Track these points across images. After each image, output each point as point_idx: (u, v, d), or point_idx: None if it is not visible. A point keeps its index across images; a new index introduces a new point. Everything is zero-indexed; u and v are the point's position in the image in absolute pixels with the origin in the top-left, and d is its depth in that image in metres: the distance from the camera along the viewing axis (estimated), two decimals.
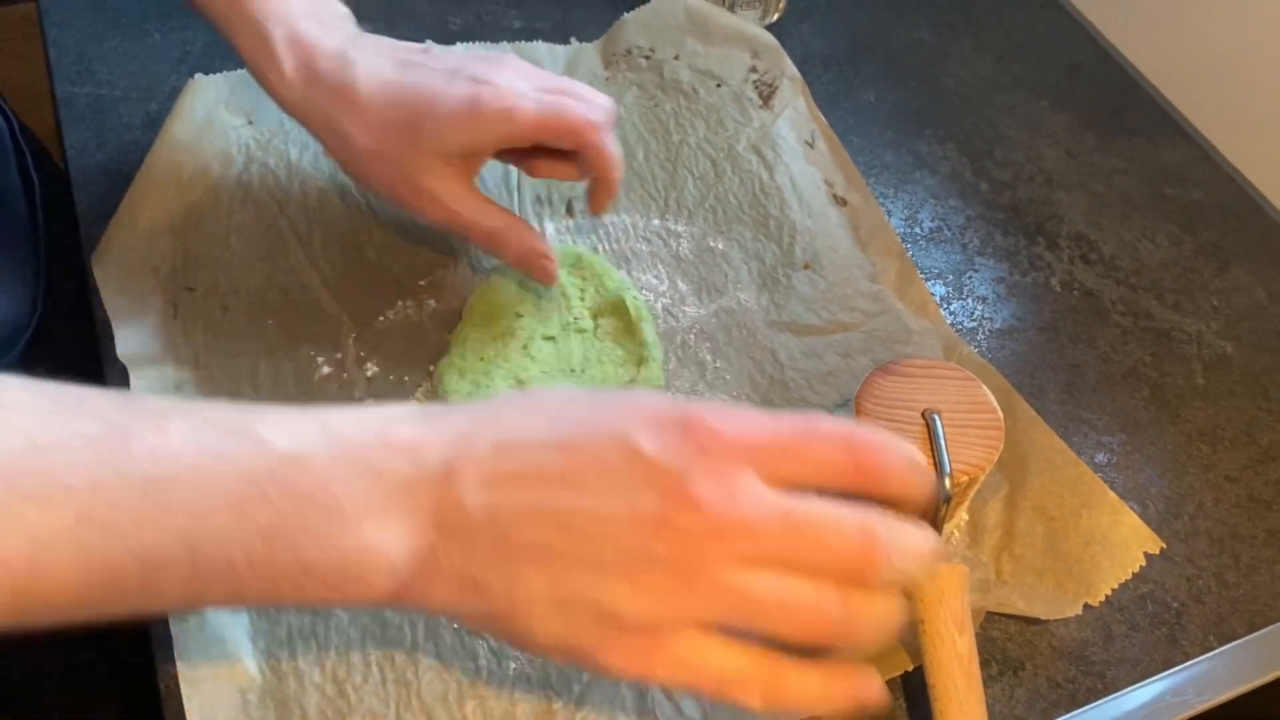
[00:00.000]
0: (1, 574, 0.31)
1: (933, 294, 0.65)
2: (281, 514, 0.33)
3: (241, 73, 0.70)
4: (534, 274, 0.57)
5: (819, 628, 0.35)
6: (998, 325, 0.65)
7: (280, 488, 0.33)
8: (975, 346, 0.63)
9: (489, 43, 0.75)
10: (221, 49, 0.73)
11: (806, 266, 0.64)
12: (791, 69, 0.74)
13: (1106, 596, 0.53)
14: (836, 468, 0.36)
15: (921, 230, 0.69)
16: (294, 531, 0.33)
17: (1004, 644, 0.52)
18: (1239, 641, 0.53)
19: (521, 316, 0.59)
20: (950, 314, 0.65)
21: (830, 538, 0.35)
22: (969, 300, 0.66)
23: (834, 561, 0.35)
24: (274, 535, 0.33)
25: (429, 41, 0.60)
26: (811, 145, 0.71)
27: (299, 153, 0.66)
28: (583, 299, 0.61)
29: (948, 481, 0.47)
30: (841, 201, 0.68)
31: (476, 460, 0.35)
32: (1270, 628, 0.54)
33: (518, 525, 0.35)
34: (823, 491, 0.36)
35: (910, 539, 0.36)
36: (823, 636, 0.35)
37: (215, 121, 0.67)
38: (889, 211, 0.70)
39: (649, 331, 0.59)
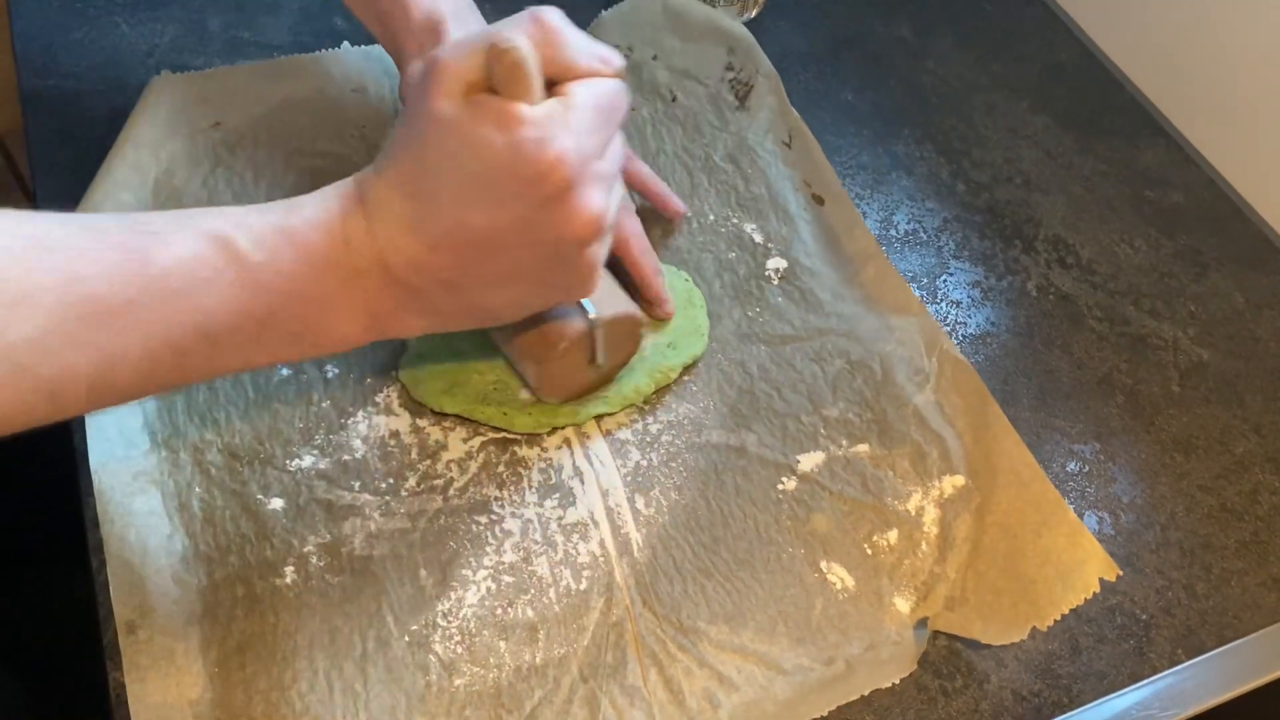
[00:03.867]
0: (79, 380, 0.39)
1: None
2: (269, 307, 0.42)
3: (209, 72, 0.69)
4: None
5: None
6: (971, 330, 0.64)
7: (261, 288, 0.41)
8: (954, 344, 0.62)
9: None
10: (191, 41, 0.72)
11: (782, 278, 0.63)
12: (767, 65, 0.73)
13: (1062, 617, 0.52)
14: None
15: (897, 233, 0.68)
16: (281, 319, 0.43)
17: (969, 657, 0.51)
18: (1207, 655, 0.53)
19: None
20: None
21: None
22: (943, 304, 0.65)
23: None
24: (267, 321, 0.42)
25: None
26: (789, 145, 0.70)
27: (268, 155, 0.65)
28: None
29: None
30: (819, 201, 0.67)
31: (404, 254, 0.43)
32: (1239, 641, 0.53)
33: (450, 279, 0.43)
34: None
35: None
36: None
37: (181, 122, 0.65)
38: (864, 213, 0.69)
39: (701, 315, 0.61)
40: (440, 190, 0.42)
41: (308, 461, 0.53)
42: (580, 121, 0.41)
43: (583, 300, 0.51)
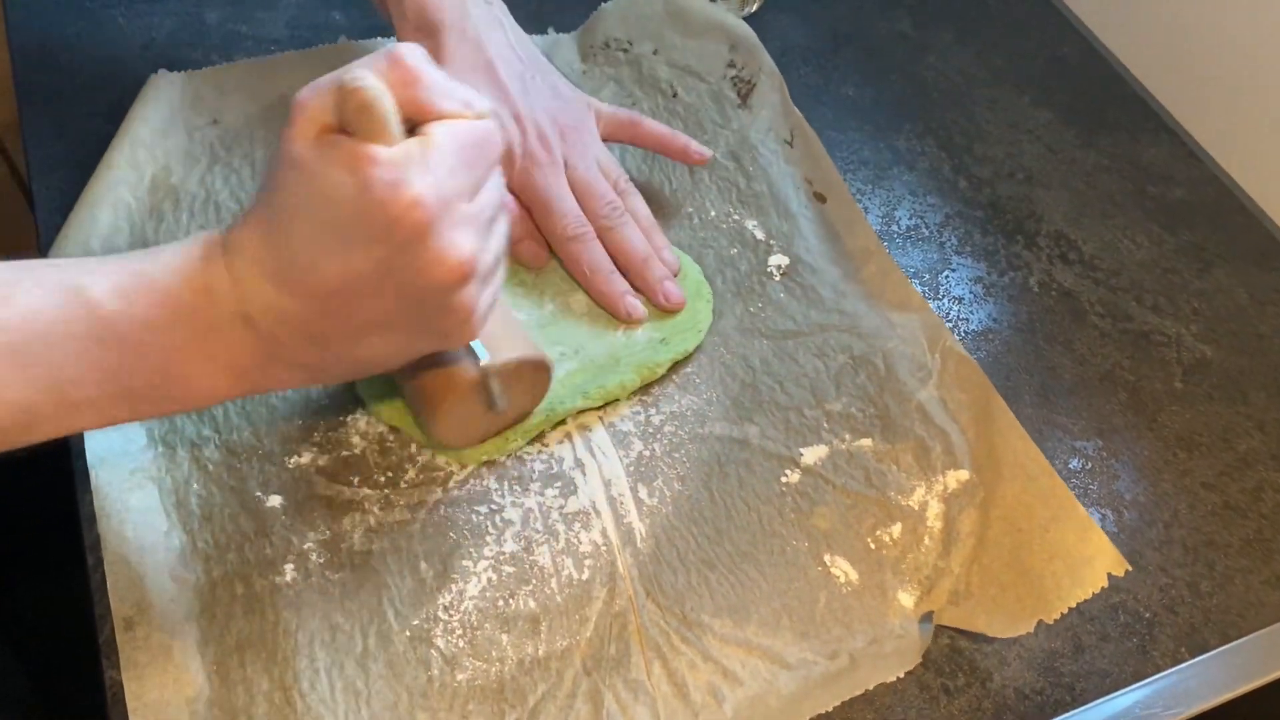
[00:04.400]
0: None
1: None
2: (121, 358, 0.40)
3: (207, 70, 0.68)
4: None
5: None
6: (973, 326, 0.64)
7: (116, 339, 0.39)
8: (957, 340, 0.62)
9: None
10: (188, 36, 0.72)
11: (784, 275, 0.63)
12: (769, 63, 0.73)
13: (1070, 609, 0.52)
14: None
15: (898, 228, 0.68)
16: (138, 369, 0.40)
17: (971, 654, 0.51)
18: (1211, 653, 0.52)
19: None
20: None
21: None
22: (945, 300, 0.65)
23: None
24: (120, 373, 0.40)
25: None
26: (790, 144, 0.70)
27: (265, 153, 0.65)
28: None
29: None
30: (821, 198, 0.67)
31: (263, 303, 0.41)
32: (1243, 639, 0.53)
33: (314, 331, 0.41)
34: None
35: None
36: None
37: (178, 120, 0.65)
38: (865, 209, 0.68)
39: (705, 310, 0.60)
40: (296, 236, 0.40)
41: (306, 458, 0.52)
42: (440, 162, 0.39)
43: (474, 344, 0.48)
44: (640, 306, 0.59)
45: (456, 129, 0.40)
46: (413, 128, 0.40)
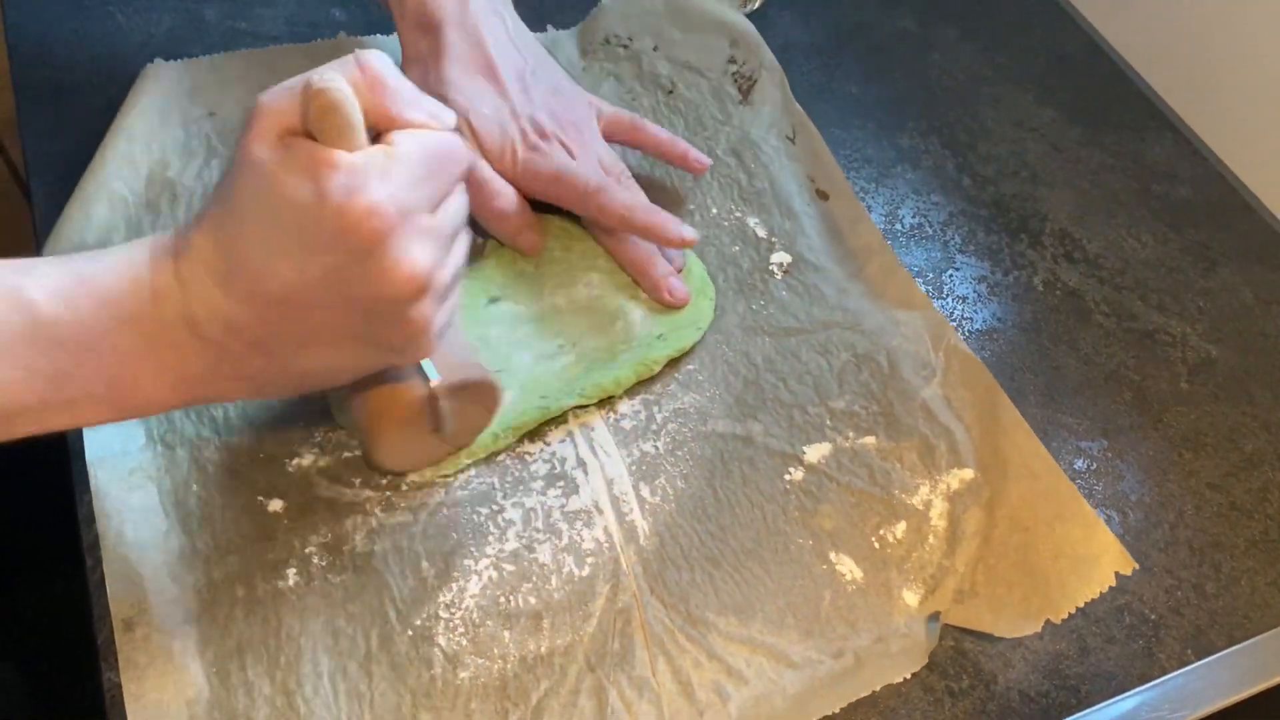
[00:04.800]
0: None
1: None
2: (58, 364, 0.38)
3: (204, 60, 0.68)
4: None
5: None
6: (978, 325, 0.63)
7: (54, 343, 0.38)
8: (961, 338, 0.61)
9: None
10: (187, 32, 0.71)
11: (785, 272, 0.63)
12: (770, 58, 0.72)
13: (1076, 610, 0.51)
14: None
15: (902, 227, 0.68)
16: (77, 375, 0.39)
17: (976, 656, 0.51)
18: (1217, 655, 0.52)
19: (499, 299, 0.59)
20: None
21: None
22: (949, 299, 0.64)
23: None
24: (59, 379, 0.39)
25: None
26: (792, 140, 0.69)
27: None
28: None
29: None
30: (823, 195, 0.67)
31: (210, 308, 0.40)
32: (1250, 641, 0.53)
33: (260, 338, 0.40)
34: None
35: None
36: None
37: (175, 111, 0.64)
38: (869, 207, 0.68)
39: (707, 307, 0.60)
40: (249, 240, 0.39)
41: (307, 459, 0.52)
42: (402, 172, 0.39)
43: (423, 363, 0.47)
44: (689, 229, 0.58)
45: (422, 139, 0.40)
46: (377, 136, 0.40)
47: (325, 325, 0.41)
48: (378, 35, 0.71)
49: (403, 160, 0.39)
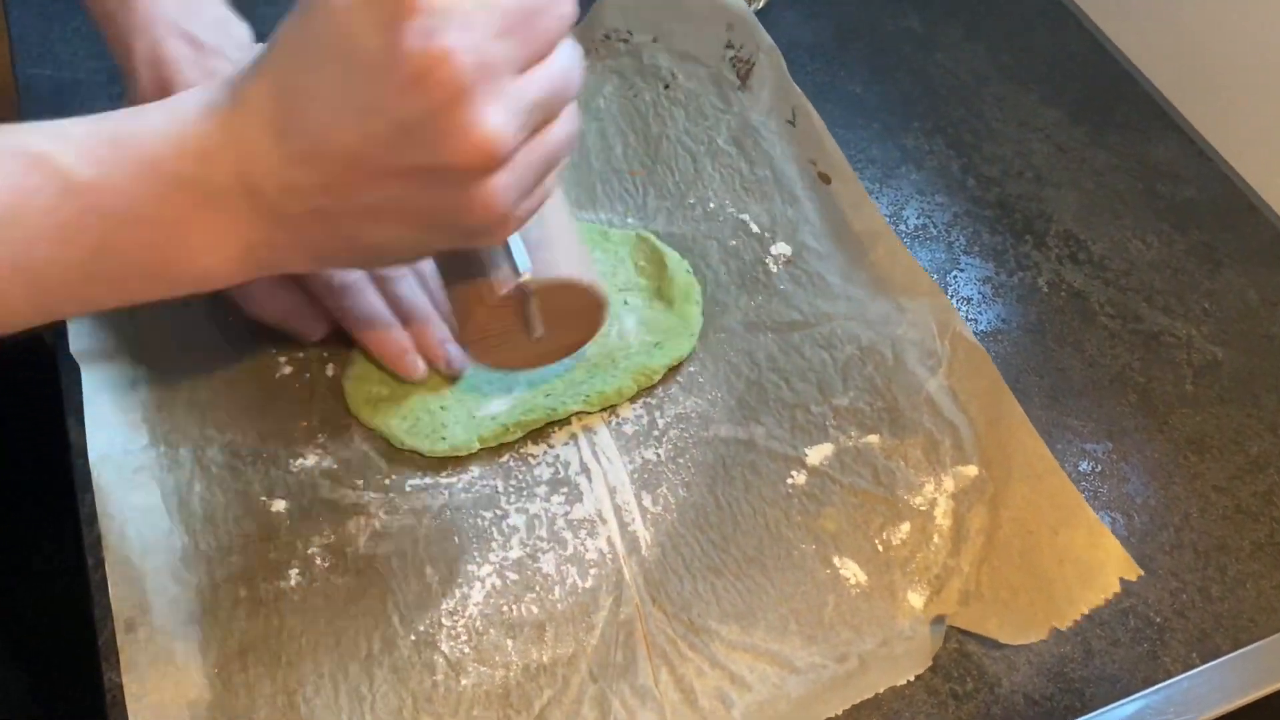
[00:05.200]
0: None
1: None
2: (103, 235, 0.36)
3: None
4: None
5: None
6: (982, 327, 0.63)
7: (93, 212, 0.35)
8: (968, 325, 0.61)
9: None
10: None
11: (788, 263, 0.62)
12: (767, 40, 0.72)
13: (1081, 617, 0.51)
14: None
15: (906, 227, 0.67)
16: (122, 247, 0.36)
17: (980, 659, 0.51)
18: (1223, 659, 0.52)
19: None
20: None
21: None
22: (953, 300, 0.64)
23: None
24: (104, 252, 0.36)
25: None
26: (793, 123, 0.69)
27: None
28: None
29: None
30: (825, 179, 0.66)
31: (268, 168, 0.36)
32: (1255, 645, 0.52)
33: (323, 205, 0.37)
34: None
35: None
36: None
37: None
38: None
39: (695, 313, 0.59)
40: (312, 91, 0.35)
41: (311, 460, 0.52)
42: (489, 21, 0.34)
43: (515, 255, 0.43)
44: (421, 366, 0.53)
45: None
46: None
47: (390, 196, 0.36)
48: None
49: (489, 8, 0.34)
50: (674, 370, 0.57)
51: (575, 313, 0.47)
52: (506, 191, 0.37)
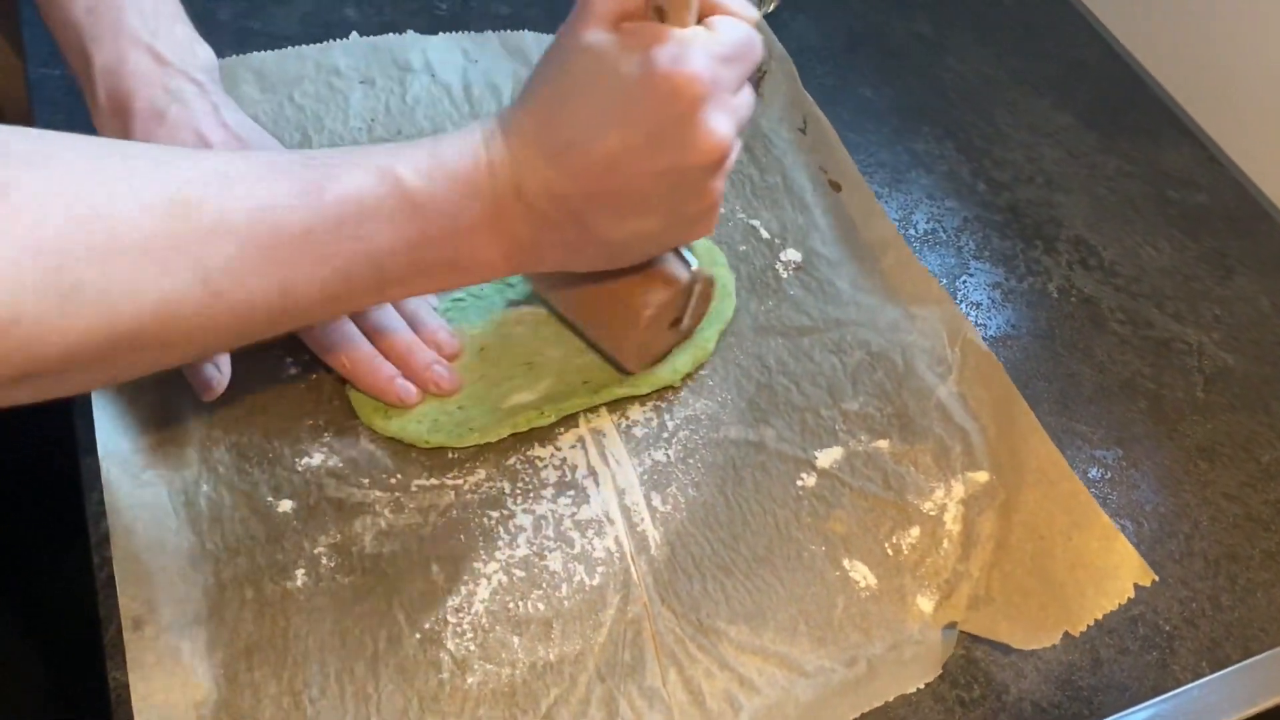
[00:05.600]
0: (261, 305, 0.41)
1: None
2: (423, 233, 0.43)
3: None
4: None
5: None
6: (991, 332, 0.63)
7: (420, 214, 0.43)
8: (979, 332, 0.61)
9: (474, 31, 0.73)
10: (200, 31, 0.70)
11: (798, 269, 0.62)
12: (779, 49, 0.72)
13: (1095, 622, 0.51)
14: None
15: (916, 232, 0.67)
16: (437, 246, 0.44)
17: (988, 666, 0.50)
18: (1233, 668, 0.51)
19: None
20: None
21: None
22: (963, 305, 0.64)
23: None
24: (425, 249, 0.44)
25: None
26: (804, 131, 0.69)
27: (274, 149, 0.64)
28: None
29: None
30: (836, 187, 0.66)
31: (538, 180, 0.44)
32: (1265, 654, 0.52)
33: (580, 208, 0.45)
34: None
35: None
36: None
37: None
38: None
39: (728, 306, 0.60)
40: (575, 114, 0.43)
41: (317, 460, 0.52)
42: (718, 50, 0.43)
43: (686, 254, 0.52)
44: (412, 390, 0.54)
45: (735, 25, 0.44)
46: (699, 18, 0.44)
47: (639, 194, 0.44)
48: (390, 35, 0.71)
49: (721, 40, 0.43)
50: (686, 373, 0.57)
51: (706, 294, 0.55)
52: (722, 186, 0.46)
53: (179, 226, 0.38)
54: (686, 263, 0.52)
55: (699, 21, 0.44)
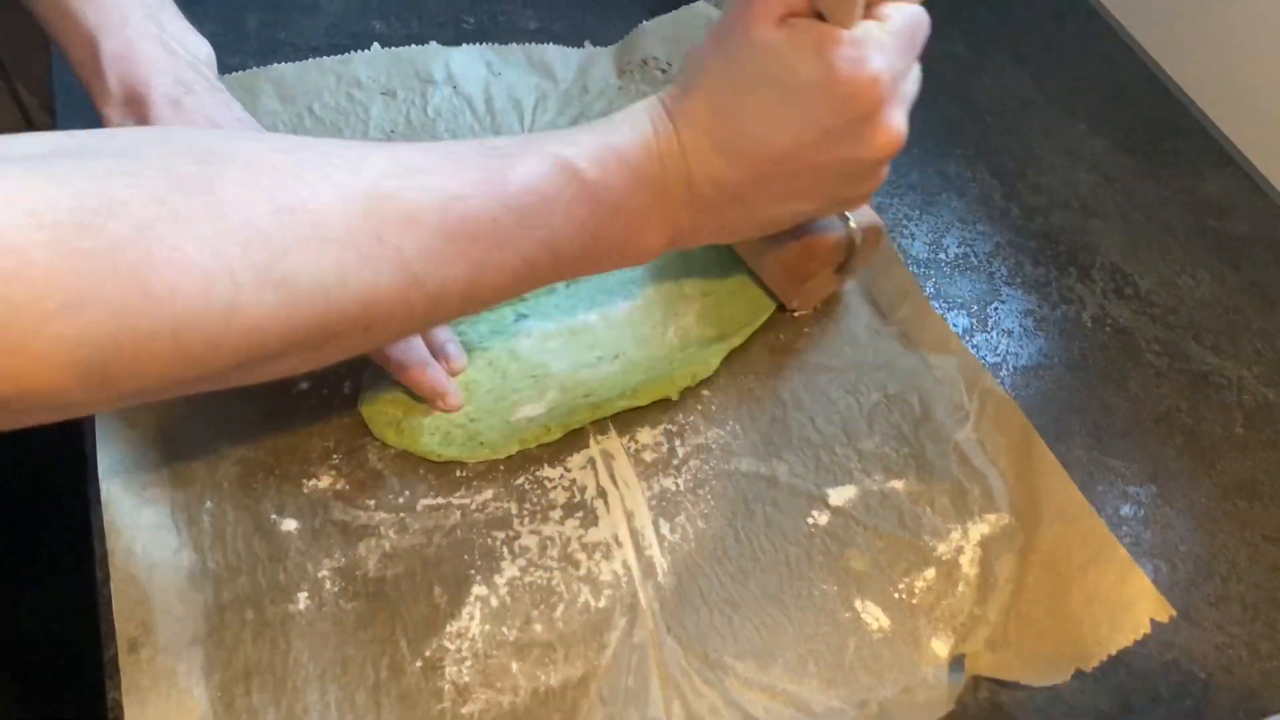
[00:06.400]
0: (453, 291, 0.42)
1: (954, 326, 0.61)
2: (597, 220, 0.45)
3: (236, 75, 0.67)
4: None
5: None
6: (1023, 361, 0.61)
7: (595, 201, 0.44)
8: (998, 382, 0.59)
9: (500, 44, 0.72)
10: (227, 40, 0.71)
11: (816, 313, 0.61)
12: None
13: (1119, 664, 0.49)
14: None
15: (946, 256, 0.65)
16: (608, 231, 0.45)
17: (1013, 711, 0.48)
18: (1270, 719, 0.49)
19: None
20: (973, 347, 0.61)
21: None
22: (994, 333, 0.62)
23: None
24: (598, 234, 0.45)
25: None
26: None
27: None
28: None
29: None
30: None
31: (706, 169, 0.45)
32: None
33: (744, 194, 0.46)
34: None
35: None
36: None
37: None
38: (912, 235, 0.66)
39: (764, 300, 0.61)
40: (752, 110, 0.44)
41: (324, 481, 0.51)
42: (894, 43, 0.43)
43: (849, 214, 0.55)
44: (444, 379, 0.54)
45: (906, 12, 0.44)
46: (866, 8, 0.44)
47: (809, 181, 0.46)
48: (412, 46, 0.71)
49: (893, 32, 0.43)
50: (695, 399, 0.56)
51: (872, 239, 0.57)
52: (889, 169, 0.48)
53: (377, 218, 0.39)
54: (846, 221, 0.55)
55: (866, 10, 0.43)
